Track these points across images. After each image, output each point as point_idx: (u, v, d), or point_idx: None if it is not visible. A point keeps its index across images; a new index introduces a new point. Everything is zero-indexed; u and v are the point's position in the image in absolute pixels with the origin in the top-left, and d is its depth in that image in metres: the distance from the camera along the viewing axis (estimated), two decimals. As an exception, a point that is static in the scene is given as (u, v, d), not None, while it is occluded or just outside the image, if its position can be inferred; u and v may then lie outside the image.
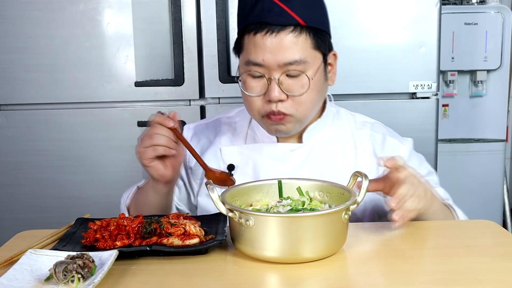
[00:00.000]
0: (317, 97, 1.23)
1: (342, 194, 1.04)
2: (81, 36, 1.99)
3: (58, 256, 0.92)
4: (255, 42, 1.17)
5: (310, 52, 1.18)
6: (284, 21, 1.15)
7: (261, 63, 1.17)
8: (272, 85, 1.17)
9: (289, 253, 0.93)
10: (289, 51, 1.15)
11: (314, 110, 1.27)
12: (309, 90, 1.18)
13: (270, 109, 1.19)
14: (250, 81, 1.21)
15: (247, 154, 1.31)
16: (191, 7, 1.99)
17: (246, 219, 0.92)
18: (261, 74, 1.18)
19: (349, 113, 1.40)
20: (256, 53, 1.17)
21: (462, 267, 0.91)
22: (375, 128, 1.38)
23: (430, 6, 1.95)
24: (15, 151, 2.06)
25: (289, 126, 1.23)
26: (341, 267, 0.94)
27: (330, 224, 0.94)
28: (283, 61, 1.16)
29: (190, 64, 2.01)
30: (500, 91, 2.88)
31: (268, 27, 1.15)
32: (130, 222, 1.02)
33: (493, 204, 2.92)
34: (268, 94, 1.18)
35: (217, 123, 1.42)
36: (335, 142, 1.33)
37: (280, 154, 1.30)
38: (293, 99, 1.19)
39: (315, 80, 1.20)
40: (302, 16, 1.16)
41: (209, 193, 0.95)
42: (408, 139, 1.40)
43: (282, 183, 1.10)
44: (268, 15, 1.15)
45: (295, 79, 1.18)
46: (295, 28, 1.16)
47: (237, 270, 0.93)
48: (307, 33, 1.17)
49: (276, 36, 1.15)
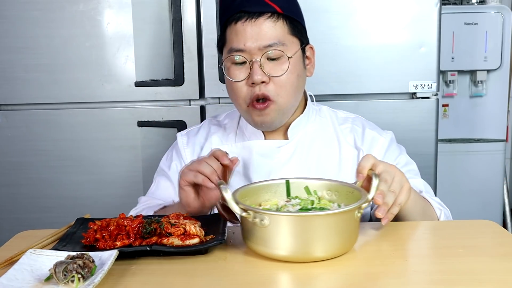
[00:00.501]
0: (298, 82, 1.29)
1: (352, 192, 1.05)
2: (81, 36, 1.99)
3: (58, 256, 0.92)
4: (236, 30, 1.26)
5: (288, 37, 1.27)
6: (262, 8, 1.25)
7: (243, 49, 1.25)
8: (255, 67, 1.25)
9: (303, 252, 0.93)
10: (268, 34, 1.24)
11: (295, 97, 1.31)
12: (289, 72, 1.26)
13: (254, 92, 1.26)
14: (233, 69, 1.28)
15: (237, 153, 1.36)
16: (191, 7, 1.99)
17: (261, 218, 0.93)
18: (243, 60, 1.26)
19: (330, 110, 1.46)
20: (238, 40, 1.25)
21: (462, 267, 0.91)
22: (355, 122, 1.43)
23: (430, 6, 1.95)
24: (15, 151, 2.06)
25: (272, 115, 1.28)
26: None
27: (343, 222, 0.95)
28: (263, 44, 1.24)
29: (190, 64, 2.01)
30: (500, 91, 2.88)
31: (247, 14, 1.24)
32: (130, 222, 1.02)
33: (493, 204, 2.92)
34: (252, 77, 1.25)
35: (207, 126, 1.48)
36: (319, 136, 1.39)
37: (268, 151, 1.36)
38: (275, 81, 1.26)
39: (295, 62, 1.27)
40: (279, 5, 1.25)
41: (223, 193, 0.96)
42: (388, 132, 1.44)
43: (290, 182, 1.11)
44: (246, 4, 1.25)
45: (275, 62, 1.26)
46: (272, 15, 1.25)
47: (238, 270, 0.93)
48: (283, 20, 1.26)
49: (255, 22, 1.24)
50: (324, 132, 1.40)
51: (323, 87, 1.97)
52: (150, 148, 2.04)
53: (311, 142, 1.38)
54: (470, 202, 2.90)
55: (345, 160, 1.37)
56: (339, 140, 1.39)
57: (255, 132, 1.38)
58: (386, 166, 1.09)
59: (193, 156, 1.42)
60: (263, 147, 1.36)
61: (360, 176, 1.07)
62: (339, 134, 1.40)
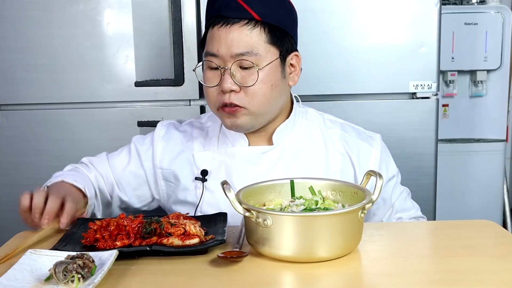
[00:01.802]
0: (272, 92, 1.26)
1: (356, 193, 1.05)
2: (81, 36, 1.99)
3: (58, 256, 0.92)
4: (212, 34, 1.24)
5: (264, 46, 1.23)
6: (239, 14, 1.22)
7: (216, 54, 1.23)
8: (225, 75, 1.23)
9: (307, 252, 0.93)
10: (242, 42, 1.22)
11: (270, 105, 1.28)
12: (260, 82, 1.22)
13: (223, 100, 1.24)
14: (207, 73, 1.27)
15: (219, 159, 1.34)
16: (191, 7, 1.99)
17: (264, 218, 0.93)
18: (217, 65, 1.24)
19: (317, 113, 1.43)
20: (213, 44, 1.24)
21: (462, 267, 0.91)
22: (345, 129, 1.40)
23: (430, 6, 1.95)
24: (15, 151, 2.06)
25: (243, 119, 1.26)
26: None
27: (347, 223, 0.95)
28: (236, 52, 1.21)
29: (190, 64, 2.00)
30: (500, 91, 2.88)
31: (223, 20, 1.23)
32: (130, 222, 1.02)
33: (493, 204, 2.92)
34: (221, 84, 1.23)
35: (189, 127, 1.44)
36: (306, 141, 1.36)
37: (252, 157, 1.32)
38: (245, 91, 1.23)
39: (268, 73, 1.24)
40: (257, 11, 1.22)
41: (226, 193, 0.96)
42: (377, 137, 1.41)
43: (295, 182, 1.11)
44: (224, 9, 1.23)
45: (247, 71, 1.23)
46: (249, 22, 1.22)
47: (240, 270, 0.93)
48: (261, 28, 1.23)
49: (230, 28, 1.22)
50: (310, 137, 1.37)
51: (323, 87, 1.97)
52: (150, 148, 2.04)
53: (297, 147, 1.35)
54: (470, 202, 2.90)
55: (332, 165, 1.34)
56: (326, 144, 1.36)
57: (238, 137, 1.34)
58: None
59: (164, 151, 1.39)
60: (246, 154, 1.33)
61: None
62: (327, 139, 1.37)
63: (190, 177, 1.35)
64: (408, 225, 1.14)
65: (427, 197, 2.03)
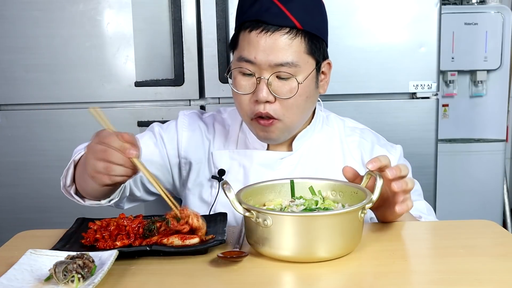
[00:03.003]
0: (306, 103, 1.23)
1: (356, 193, 1.05)
2: (81, 36, 1.99)
3: (58, 256, 0.92)
4: (249, 39, 1.17)
5: (303, 56, 1.18)
6: (281, 22, 1.15)
7: (253, 61, 1.17)
8: (261, 84, 1.17)
9: (307, 252, 0.93)
10: (282, 52, 1.16)
11: (303, 117, 1.26)
12: (297, 95, 1.18)
13: (257, 110, 1.19)
14: (240, 79, 1.21)
15: (238, 160, 1.31)
16: (191, 7, 1.99)
17: (263, 218, 0.93)
18: (251, 72, 1.18)
19: (339, 119, 1.40)
20: (249, 50, 1.17)
21: (462, 267, 0.91)
22: (364, 135, 1.37)
23: (430, 6, 1.95)
24: (15, 151, 2.06)
25: (277, 133, 1.23)
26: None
27: (347, 223, 0.95)
28: (275, 62, 1.16)
29: (190, 64, 2.01)
30: (500, 91, 2.88)
31: (264, 25, 1.15)
32: (130, 222, 1.02)
33: (493, 204, 2.92)
34: (256, 94, 1.18)
35: (211, 119, 1.40)
36: (324, 149, 1.33)
37: (270, 162, 1.30)
38: (281, 102, 1.19)
39: (305, 85, 1.19)
40: (300, 19, 1.16)
41: (226, 193, 0.95)
42: (397, 147, 1.38)
43: (294, 182, 1.11)
44: (265, 14, 1.15)
45: (284, 82, 1.18)
46: (290, 30, 1.16)
47: (240, 270, 0.93)
48: (302, 37, 1.17)
49: (270, 36, 1.15)
50: (329, 144, 1.34)
51: (323, 87, 1.97)
52: (150, 148, 2.04)
53: (315, 154, 1.32)
54: (470, 202, 2.90)
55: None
56: (344, 153, 1.33)
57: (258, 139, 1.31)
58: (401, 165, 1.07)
59: (189, 141, 1.34)
60: (265, 158, 1.30)
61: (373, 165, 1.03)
62: (345, 147, 1.34)
63: (207, 174, 1.34)
64: (408, 225, 1.14)
65: (427, 197, 2.01)
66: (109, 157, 1.01)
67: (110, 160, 1.01)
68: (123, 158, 1.02)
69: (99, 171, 1.03)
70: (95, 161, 1.03)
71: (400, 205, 1.04)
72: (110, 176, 1.03)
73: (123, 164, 1.02)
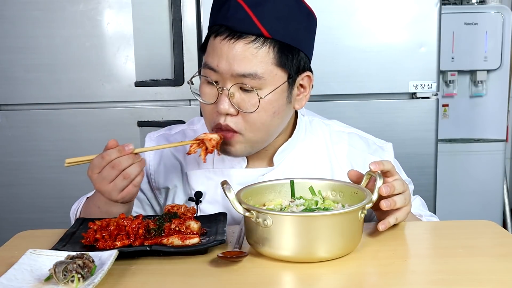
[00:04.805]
0: (273, 120, 1.11)
1: (356, 193, 1.05)
2: (81, 36, 1.99)
3: (58, 256, 0.92)
4: (214, 45, 1.09)
5: (270, 68, 1.07)
6: (246, 28, 1.05)
7: (215, 69, 1.08)
8: (223, 96, 1.08)
9: (307, 252, 0.93)
10: (245, 62, 1.05)
11: (270, 133, 1.15)
12: (261, 110, 1.08)
13: (217, 121, 1.10)
14: (204, 86, 1.12)
15: (216, 180, 1.20)
16: (191, 7, 1.99)
17: (263, 218, 0.93)
18: (214, 82, 1.10)
19: (323, 124, 1.29)
20: (213, 57, 1.08)
21: (462, 267, 0.91)
22: (353, 142, 1.27)
23: (430, 6, 1.95)
24: (15, 151, 2.06)
25: (237, 147, 1.13)
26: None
27: (347, 223, 0.95)
28: (237, 72, 1.06)
29: (190, 64, 2.01)
30: (500, 91, 2.88)
31: (228, 31, 1.06)
32: (130, 222, 1.02)
33: (493, 204, 2.92)
34: (217, 105, 1.09)
35: (181, 136, 1.30)
36: (309, 160, 1.23)
37: (250, 180, 1.16)
38: (243, 116, 1.09)
39: (270, 101, 1.08)
40: (269, 27, 1.05)
41: (226, 193, 0.95)
42: (388, 148, 1.30)
43: (294, 182, 1.11)
44: (230, 19, 1.06)
45: (248, 94, 1.08)
46: (257, 39, 1.05)
47: (239, 270, 0.93)
48: (270, 46, 1.06)
49: (234, 43, 1.06)
50: (314, 154, 1.24)
51: (323, 87, 1.97)
52: (150, 148, 2.04)
53: (299, 166, 1.22)
54: (470, 202, 2.90)
55: None
56: (332, 164, 1.24)
57: None
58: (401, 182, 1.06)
59: (157, 168, 1.27)
60: (244, 176, 1.19)
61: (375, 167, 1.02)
62: (332, 156, 1.24)
63: (183, 196, 1.26)
64: (408, 225, 1.14)
65: (427, 197, 2.02)
66: (119, 167, 1.03)
67: (122, 168, 1.04)
68: (128, 157, 1.04)
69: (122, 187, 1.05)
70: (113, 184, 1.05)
71: (383, 223, 1.04)
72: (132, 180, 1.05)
73: (133, 161, 1.04)
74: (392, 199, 1.03)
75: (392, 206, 1.03)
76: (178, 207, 1.07)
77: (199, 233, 1.01)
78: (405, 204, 1.05)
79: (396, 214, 1.05)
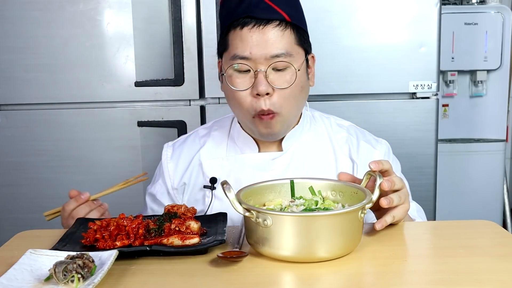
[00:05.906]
0: (301, 94, 1.25)
1: (356, 193, 1.05)
2: (81, 36, 1.99)
3: (58, 256, 0.92)
4: (241, 36, 1.19)
5: (295, 47, 1.21)
6: (271, 15, 1.18)
7: (249, 57, 1.18)
8: (259, 77, 1.19)
9: (307, 252, 0.93)
10: (276, 44, 1.18)
11: (298, 109, 1.28)
12: (294, 84, 1.20)
13: (260, 107, 1.20)
14: (236, 77, 1.21)
15: (228, 167, 1.31)
16: (191, 7, 1.99)
17: (263, 218, 0.93)
18: (247, 68, 1.19)
19: (324, 116, 1.41)
20: (243, 46, 1.18)
21: (462, 267, 0.91)
22: (350, 131, 1.38)
23: (430, 6, 1.95)
24: (15, 151, 2.06)
25: (278, 127, 1.24)
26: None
27: (347, 223, 0.95)
28: (270, 54, 1.18)
29: (190, 64, 2.01)
30: (500, 91, 2.88)
31: (254, 21, 1.18)
32: (130, 222, 1.02)
33: (493, 204, 2.92)
34: (256, 87, 1.19)
35: (196, 136, 1.40)
36: (314, 146, 1.34)
37: (262, 164, 1.30)
38: (279, 94, 1.20)
39: (300, 74, 1.22)
40: (287, 12, 1.19)
41: (226, 192, 0.95)
42: (383, 143, 1.38)
43: (294, 182, 1.11)
44: (255, 10, 1.18)
45: (281, 73, 1.20)
46: (280, 23, 1.19)
47: (239, 270, 0.93)
48: (291, 29, 1.20)
49: (262, 29, 1.18)
50: (319, 142, 1.34)
51: (323, 87, 1.97)
52: (150, 148, 2.05)
53: (306, 153, 1.32)
54: (470, 202, 2.90)
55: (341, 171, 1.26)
56: (335, 150, 1.34)
57: (248, 143, 1.32)
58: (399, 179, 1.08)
59: (175, 171, 1.37)
60: (256, 160, 1.30)
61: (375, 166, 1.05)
62: (335, 144, 1.35)
63: (199, 185, 1.33)
64: (408, 225, 1.14)
65: (427, 197, 2.03)
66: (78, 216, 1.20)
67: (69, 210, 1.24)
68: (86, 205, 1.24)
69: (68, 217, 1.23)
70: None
71: (380, 222, 1.05)
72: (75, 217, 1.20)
73: (90, 209, 1.23)
74: (389, 197, 1.05)
75: (390, 203, 1.04)
76: (178, 207, 1.07)
77: (199, 233, 1.01)
78: (401, 202, 1.07)
79: (393, 212, 1.06)
